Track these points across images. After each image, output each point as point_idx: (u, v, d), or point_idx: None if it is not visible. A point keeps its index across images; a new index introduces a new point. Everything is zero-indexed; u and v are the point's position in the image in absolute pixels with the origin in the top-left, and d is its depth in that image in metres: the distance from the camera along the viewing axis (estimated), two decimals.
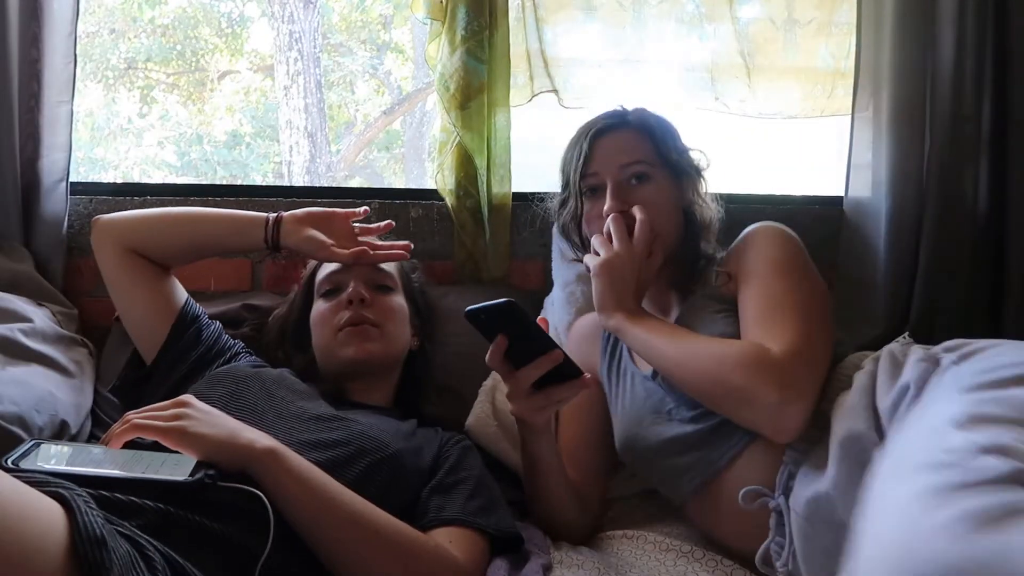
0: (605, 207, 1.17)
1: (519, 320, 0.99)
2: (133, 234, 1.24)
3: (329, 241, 1.25)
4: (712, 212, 1.25)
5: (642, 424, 1.16)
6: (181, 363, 1.22)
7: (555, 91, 1.70)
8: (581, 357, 1.31)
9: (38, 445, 0.91)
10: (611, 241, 1.13)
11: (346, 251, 1.25)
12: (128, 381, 1.26)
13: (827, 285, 1.18)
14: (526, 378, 1.00)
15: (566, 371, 1.01)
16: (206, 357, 1.23)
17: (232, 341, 1.30)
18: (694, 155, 1.26)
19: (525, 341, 1.00)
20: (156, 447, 0.90)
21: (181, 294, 1.28)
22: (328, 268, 1.30)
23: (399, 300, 1.31)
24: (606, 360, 1.29)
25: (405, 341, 1.31)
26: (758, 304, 1.06)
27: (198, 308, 1.30)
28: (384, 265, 1.31)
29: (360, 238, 1.30)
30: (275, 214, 1.26)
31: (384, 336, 1.24)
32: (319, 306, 1.28)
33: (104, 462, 0.88)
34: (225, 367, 1.19)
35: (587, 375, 1.02)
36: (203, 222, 1.29)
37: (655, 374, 1.15)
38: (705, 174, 1.26)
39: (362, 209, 1.33)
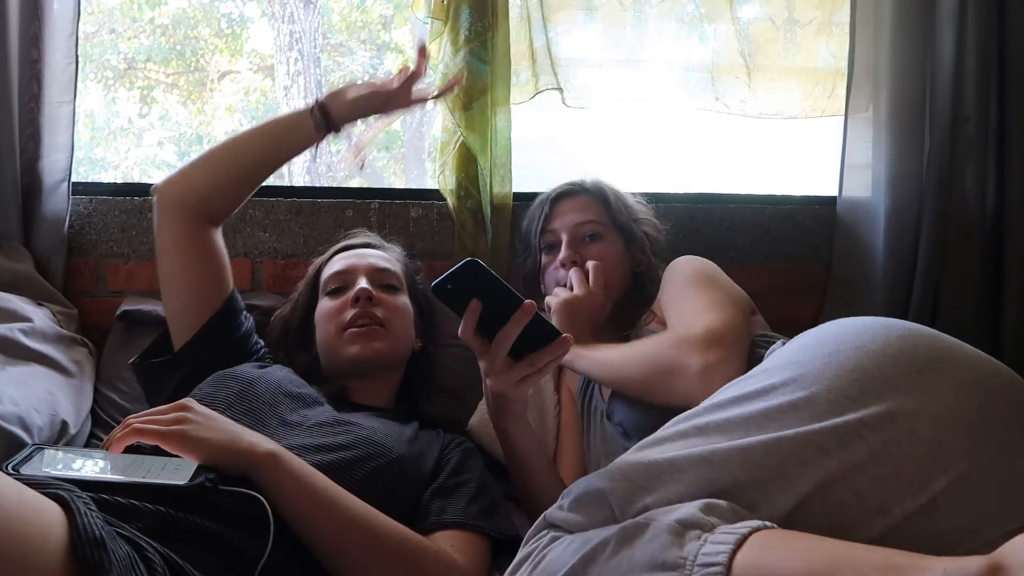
0: (560, 256, 1.32)
1: (486, 280, 0.92)
2: (193, 180, 1.21)
3: (376, 83, 1.20)
4: (660, 273, 1.33)
5: (611, 459, 1.18)
6: (207, 351, 1.19)
7: (559, 89, 1.70)
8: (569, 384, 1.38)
9: (39, 450, 0.91)
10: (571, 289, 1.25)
11: (397, 78, 1.18)
12: (152, 364, 1.22)
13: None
14: (505, 340, 0.92)
15: (543, 333, 0.94)
16: (231, 353, 1.21)
17: (260, 344, 1.28)
18: (646, 226, 1.39)
19: (496, 303, 0.92)
20: (157, 451, 0.90)
21: (229, 281, 1.25)
22: (334, 267, 1.30)
23: (404, 300, 1.30)
24: (580, 396, 1.33)
25: (410, 341, 1.30)
26: (676, 313, 1.15)
27: (242, 303, 1.27)
28: (389, 266, 1.31)
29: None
30: (315, 99, 1.20)
31: (390, 335, 1.24)
32: (325, 304, 1.27)
33: (105, 467, 0.88)
34: (230, 369, 1.18)
35: (566, 334, 0.95)
36: (251, 139, 1.25)
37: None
38: (657, 242, 1.39)
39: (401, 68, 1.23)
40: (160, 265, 1.23)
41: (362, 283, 1.24)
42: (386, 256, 1.36)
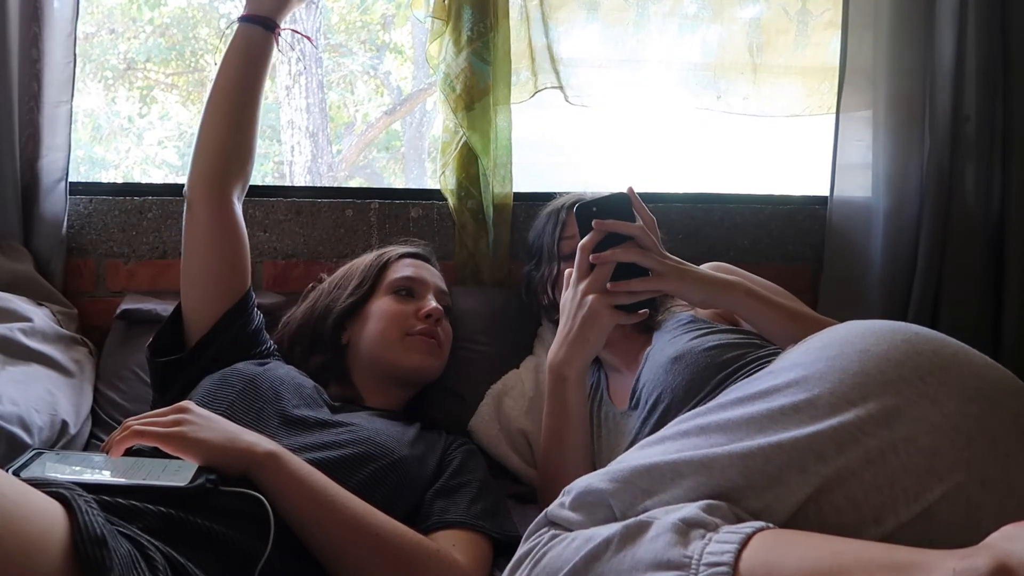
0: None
1: (626, 214, 1.06)
2: (204, 155, 1.23)
3: None
4: None
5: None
6: (221, 342, 1.20)
7: (560, 87, 1.69)
8: None
9: (39, 455, 0.91)
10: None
11: None
12: (165, 364, 1.21)
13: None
14: (614, 257, 1.03)
15: (641, 271, 1.04)
16: (243, 347, 1.22)
17: (269, 344, 1.28)
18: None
19: (620, 236, 1.04)
20: (157, 453, 0.90)
21: (248, 277, 1.26)
22: (407, 271, 1.31)
23: (450, 325, 1.34)
24: (588, 402, 1.31)
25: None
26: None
27: (255, 299, 1.28)
28: (447, 290, 1.35)
29: None
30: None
31: (443, 356, 1.28)
32: (390, 302, 1.27)
33: (105, 469, 0.88)
34: (231, 368, 1.17)
35: (657, 272, 1.04)
36: (221, 85, 1.25)
37: (634, 406, 1.15)
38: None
39: None
40: (187, 261, 1.23)
41: (433, 302, 1.27)
42: (442, 278, 1.39)
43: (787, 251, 1.78)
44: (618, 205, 1.06)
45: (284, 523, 0.88)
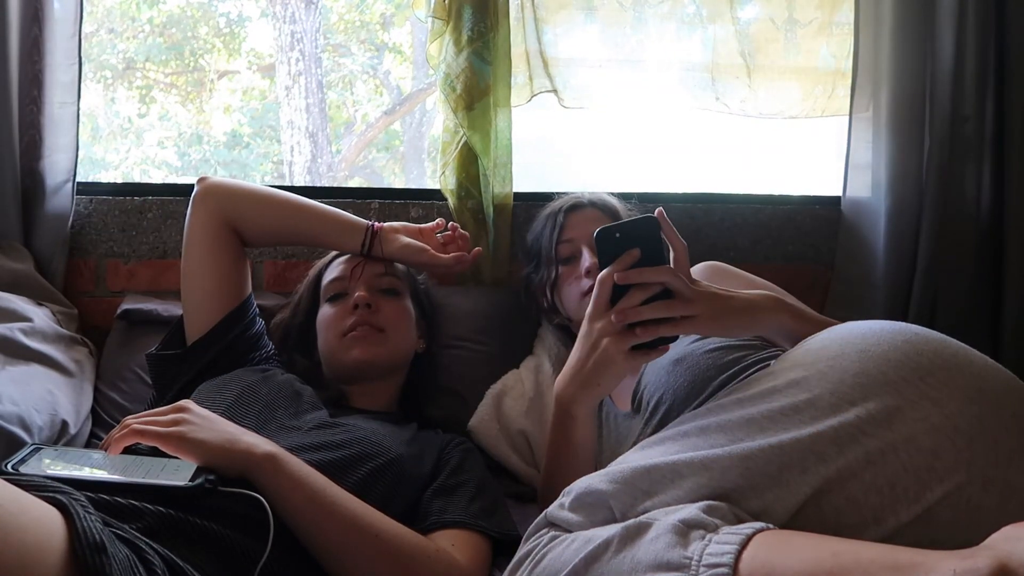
0: (586, 264, 1.26)
1: (653, 240, 0.90)
2: (236, 203, 1.25)
3: (427, 247, 1.27)
4: None
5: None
6: (220, 346, 1.22)
7: (555, 91, 1.70)
8: None
9: (38, 450, 0.91)
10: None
11: (447, 255, 1.27)
12: (165, 356, 1.24)
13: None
14: (638, 315, 0.88)
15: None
16: (242, 351, 1.23)
17: (269, 348, 1.30)
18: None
19: (643, 263, 0.90)
20: (155, 452, 0.90)
21: (248, 284, 1.29)
22: (334, 273, 1.30)
23: (405, 304, 1.31)
24: None
25: (410, 344, 1.31)
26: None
27: (255, 305, 1.30)
28: (388, 269, 1.32)
29: (447, 247, 1.31)
30: (372, 223, 1.28)
31: (389, 340, 1.24)
32: (325, 311, 1.28)
33: (104, 467, 0.88)
34: (231, 373, 1.17)
35: (690, 315, 0.90)
36: (304, 214, 1.29)
37: (636, 409, 1.15)
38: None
39: (438, 221, 1.35)
40: (187, 256, 1.25)
41: (360, 290, 1.25)
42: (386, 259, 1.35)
43: (787, 251, 1.78)
44: (645, 230, 0.91)
45: (283, 524, 0.88)
